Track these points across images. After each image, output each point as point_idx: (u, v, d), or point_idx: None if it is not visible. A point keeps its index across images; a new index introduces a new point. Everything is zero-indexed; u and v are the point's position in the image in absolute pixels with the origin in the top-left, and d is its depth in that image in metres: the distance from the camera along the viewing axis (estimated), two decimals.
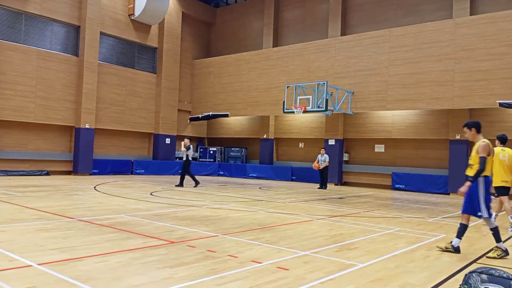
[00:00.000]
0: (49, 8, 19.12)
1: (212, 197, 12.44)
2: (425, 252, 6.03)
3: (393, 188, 19.04)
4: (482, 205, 5.96)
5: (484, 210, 5.94)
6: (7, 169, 17.77)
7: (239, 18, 25.88)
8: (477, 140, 6.19)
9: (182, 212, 9.02)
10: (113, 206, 9.59)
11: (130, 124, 22.39)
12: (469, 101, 16.26)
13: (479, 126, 6.26)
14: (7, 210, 8.26)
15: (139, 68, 23.13)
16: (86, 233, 6.31)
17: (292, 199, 12.99)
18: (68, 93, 19.81)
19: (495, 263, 5.52)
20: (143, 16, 22.12)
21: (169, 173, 22.76)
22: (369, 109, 18.85)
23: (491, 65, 15.76)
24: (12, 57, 17.96)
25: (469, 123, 6.32)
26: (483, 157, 5.93)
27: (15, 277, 4.07)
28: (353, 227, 8.04)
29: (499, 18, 15.82)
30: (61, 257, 4.84)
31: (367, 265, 5.12)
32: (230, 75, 23.76)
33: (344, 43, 19.69)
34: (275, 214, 9.40)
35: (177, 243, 5.86)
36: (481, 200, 5.97)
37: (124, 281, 4.11)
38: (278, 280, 4.34)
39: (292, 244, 6.13)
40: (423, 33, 17.38)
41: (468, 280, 3.61)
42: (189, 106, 25.60)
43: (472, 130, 6.24)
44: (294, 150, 23.49)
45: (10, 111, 17.88)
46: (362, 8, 21.07)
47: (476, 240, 7.25)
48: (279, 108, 20.79)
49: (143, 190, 13.59)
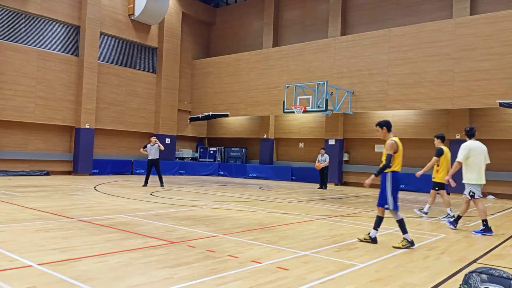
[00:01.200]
0: (49, 8, 19.12)
1: (212, 197, 12.44)
2: (425, 252, 6.03)
3: None
4: (389, 198, 6.37)
5: (390, 203, 6.36)
6: (7, 169, 17.78)
7: (239, 18, 25.88)
8: (387, 139, 6.55)
9: (182, 212, 9.02)
10: (113, 206, 9.59)
11: (130, 124, 22.39)
12: (469, 101, 16.26)
13: (389, 125, 6.65)
14: (7, 210, 8.26)
15: (139, 68, 23.13)
16: (86, 233, 6.31)
17: (292, 199, 12.99)
18: (68, 93, 19.81)
19: (495, 263, 5.53)
20: (143, 16, 22.11)
21: (169, 173, 22.75)
22: (369, 109, 18.85)
23: (491, 65, 15.75)
24: (12, 57, 17.96)
25: (380, 122, 6.68)
26: (390, 154, 6.35)
27: (15, 277, 4.07)
28: (353, 227, 8.04)
29: (499, 18, 15.82)
30: (61, 257, 4.84)
31: (367, 265, 5.13)
32: (230, 75, 23.75)
33: (344, 43, 19.69)
34: (275, 214, 9.40)
35: (177, 243, 5.86)
36: (388, 194, 6.38)
37: (124, 281, 4.11)
38: (278, 280, 4.34)
39: (292, 244, 6.13)
40: (423, 33, 17.38)
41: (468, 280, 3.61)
42: (189, 106, 25.60)
43: (384, 129, 6.61)
44: (294, 150, 23.49)
45: (10, 111, 17.88)
46: (362, 8, 21.06)
47: (476, 240, 7.25)
48: (279, 108, 20.79)
49: (143, 190, 13.59)
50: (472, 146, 7.93)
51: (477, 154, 7.90)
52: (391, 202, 6.36)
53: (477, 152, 7.90)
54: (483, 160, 7.96)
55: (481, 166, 7.91)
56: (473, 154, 7.88)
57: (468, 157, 7.88)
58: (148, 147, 15.27)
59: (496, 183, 16.98)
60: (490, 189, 17.07)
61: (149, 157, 15.19)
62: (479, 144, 8.04)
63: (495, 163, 17.27)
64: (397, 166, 6.47)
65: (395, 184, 6.40)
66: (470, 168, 7.88)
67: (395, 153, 6.39)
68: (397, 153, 6.41)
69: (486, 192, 17.05)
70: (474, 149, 7.90)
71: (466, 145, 7.96)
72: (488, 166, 8.30)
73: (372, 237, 6.48)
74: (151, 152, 15.17)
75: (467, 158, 7.88)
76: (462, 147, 7.98)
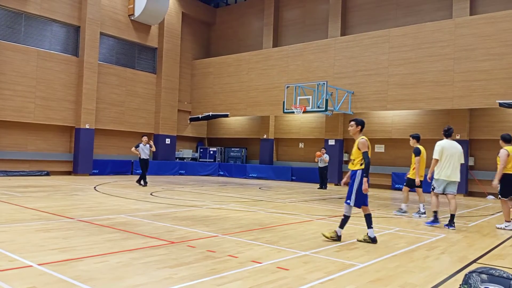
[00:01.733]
0: (49, 8, 19.12)
1: (212, 197, 12.44)
2: (425, 252, 6.03)
3: (393, 188, 19.04)
4: (353, 194, 6.51)
5: (352, 200, 6.50)
6: (7, 169, 17.78)
7: (239, 18, 25.88)
8: (357, 137, 6.73)
9: (182, 212, 9.02)
10: (113, 206, 9.59)
11: (130, 124, 22.40)
12: (469, 101, 16.26)
13: (364, 125, 6.87)
14: (7, 210, 8.26)
15: (139, 68, 23.13)
16: (86, 233, 6.31)
17: (292, 199, 12.99)
18: (68, 94, 19.81)
19: (495, 263, 5.53)
20: (143, 16, 22.12)
21: (169, 173, 22.76)
22: (369, 109, 18.85)
23: (491, 65, 15.76)
24: (12, 57, 17.96)
25: (358, 120, 6.83)
26: (366, 151, 6.50)
27: (15, 277, 4.07)
28: (353, 227, 8.04)
29: (499, 18, 15.82)
30: (61, 257, 4.84)
31: (367, 265, 5.12)
32: (230, 75, 23.76)
33: (344, 43, 19.69)
34: (275, 214, 9.40)
35: (177, 243, 5.86)
36: (354, 190, 6.50)
37: (124, 281, 4.11)
38: (278, 280, 4.34)
39: (292, 244, 6.13)
40: (423, 33, 17.38)
41: (468, 280, 3.61)
42: (189, 106, 25.60)
43: (358, 127, 6.77)
44: (294, 150, 23.49)
45: (10, 112, 17.89)
46: (362, 8, 21.07)
47: (476, 240, 7.25)
48: (279, 108, 20.79)
49: (143, 190, 13.59)
50: (444, 145, 8.44)
51: (449, 153, 8.36)
52: (353, 199, 6.50)
53: (449, 151, 8.36)
54: (456, 159, 8.36)
55: (452, 164, 8.31)
56: (445, 152, 8.37)
57: (442, 154, 8.38)
58: (140, 146, 15.41)
59: None
60: (490, 189, 17.06)
61: (141, 156, 15.36)
62: (452, 144, 8.48)
63: (495, 163, 17.27)
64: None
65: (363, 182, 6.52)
66: (441, 164, 8.40)
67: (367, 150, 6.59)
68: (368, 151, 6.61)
69: (486, 192, 17.05)
70: (446, 148, 8.38)
71: (440, 143, 8.49)
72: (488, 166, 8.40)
73: (371, 237, 6.53)
74: (143, 152, 15.36)
75: (441, 156, 8.38)
76: (436, 145, 8.50)
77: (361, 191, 6.47)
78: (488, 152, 17.51)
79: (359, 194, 6.49)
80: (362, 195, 6.51)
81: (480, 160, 17.65)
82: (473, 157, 17.74)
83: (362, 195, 6.50)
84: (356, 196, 6.49)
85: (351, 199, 6.50)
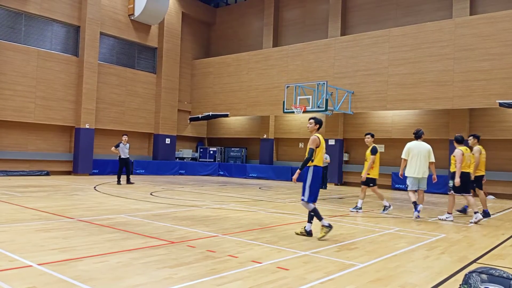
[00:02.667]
0: (49, 8, 19.12)
1: (212, 197, 12.44)
2: (425, 252, 6.03)
3: (393, 188, 19.04)
4: (306, 190, 6.71)
5: (306, 195, 6.70)
6: (7, 169, 17.78)
7: (239, 18, 25.88)
8: (312, 135, 7.06)
9: (182, 212, 9.02)
10: (113, 206, 9.60)
11: (130, 124, 22.39)
12: (469, 101, 16.26)
13: (321, 124, 7.23)
14: (7, 210, 8.26)
15: (139, 68, 23.14)
16: (86, 233, 6.31)
17: (292, 199, 12.99)
18: (68, 93, 19.81)
19: (495, 263, 5.53)
20: (143, 16, 22.12)
21: (169, 173, 22.76)
22: (369, 109, 18.85)
23: (491, 65, 15.76)
24: (12, 57, 17.97)
25: (316, 118, 7.14)
26: (312, 148, 6.72)
27: (15, 277, 4.07)
28: (353, 227, 8.04)
29: (499, 18, 15.82)
30: (61, 257, 4.84)
31: (367, 265, 5.12)
32: (230, 75, 23.76)
33: (344, 43, 19.69)
34: (275, 214, 9.40)
35: (177, 243, 5.86)
36: (307, 186, 6.72)
37: (124, 281, 4.11)
38: (278, 280, 4.34)
39: (292, 244, 6.13)
40: (423, 33, 17.38)
41: (468, 280, 3.61)
42: (189, 106, 25.61)
43: (316, 126, 7.13)
44: (294, 150, 23.49)
45: (10, 111, 17.89)
46: (362, 8, 21.07)
47: (476, 240, 7.25)
48: (279, 108, 20.79)
49: (143, 190, 13.59)
50: (411, 146, 9.52)
51: (415, 153, 9.39)
52: (307, 194, 6.68)
53: (415, 151, 9.41)
54: (422, 157, 9.40)
55: (419, 162, 9.39)
56: (411, 152, 9.43)
57: (408, 154, 9.46)
58: (120, 146, 15.56)
59: (496, 183, 16.99)
60: (490, 189, 17.07)
61: (121, 156, 15.54)
62: (419, 145, 9.50)
63: (495, 163, 17.33)
64: (319, 161, 6.84)
65: (315, 177, 6.74)
66: (409, 163, 9.48)
67: (317, 148, 6.78)
68: (319, 148, 6.80)
69: (486, 192, 17.03)
70: (412, 149, 9.47)
71: (408, 144, 9.63)
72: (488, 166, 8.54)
73: (307, 230, 6.78)
74: (123, 151, 15.53)
75: (408, 155, 9.46)
76: (406, 146, 9.64)
77: (313, 187, 6.68)
78: (488, 152, 17.36)
79: (312, 189, 6.68)
80: (315, 191, 6.71)
81: None
82: None
83: (315, 190, 6.71)
84: (309, 191, 6.68)
85: (305, 195, 6.69)
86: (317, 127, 7.06)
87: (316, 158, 6.80)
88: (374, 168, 10.36)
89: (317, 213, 6.69)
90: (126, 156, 15.60)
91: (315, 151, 6.78)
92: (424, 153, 9.40)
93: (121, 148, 15.49)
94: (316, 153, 6.78)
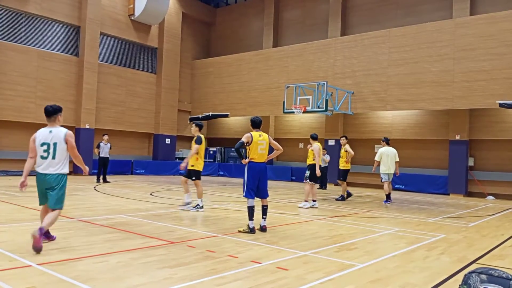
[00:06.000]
0: (49, 8, 19.12)
1: (212, 197, 12.44)
2: (425, 253, 6.03)
3: (392, 188, 19.00)
4: (244, 185, 7.07)
5: (244, 191, 7.04)
6: (7, 169, 17.78)
7: (239, 18, 25.88)
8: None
9: (182, 212, 9.03)
10: (113, 206, 9.60)
11: (130, 124, 22.39)
12: (469, 101, 16.25)
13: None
14: (7, 210, 8.27)
15: (139, 68, 23.14)
16: (86, 233, 6.32)
17: (292, 199, 12.99)
18: (68, 93, 19.81)
19: (495, 264, 5.53)
20: (143, 16, 22.12)
21: (169, 173, 22.75)
22: (369, 109, 18.85)
23: (491, 65, 15.75)
24: (13, 58, 17.96)
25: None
26: (242, 141, 6.99)
27: (15, 277, 4.08)
28: (353, 227, 8.05)
29: (499, 18, 15.81)
30: (61, 257, 4.85)
31: (367, 265, 5.13)
32: (230, 75, 23.75)
33: (344, 43, 19.69)
34: (275, 214, 9.40)
35: (177, 243, 5.86)
36: (245, 182, 7.05)
37: (124, 281, 4.12)
38: (278, 280, 4.34)
39: (292, 244, 6.13)
40: (422, 33, 17.38)
41: (467, 280, 3.61)
42: (189, 106, 25.60)
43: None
44: (294, 150, 23.48)
45: (10, 111, 17.89)
46: (362, 8, 21.07)
47: (476, 240, 7.25)
48: (279, 108, 20.79)
49: (143, 190, 13.60)
50: (383, 150, 12.72)
51: (385, 155, 12.61)
52: (245, 190, 7.00)
53: (385, 154, 12.63)
54: (390, 159, 12.57)
55: (389, 162, 12.55)
56: (383, 155, 12.64)
57: (381, 157, 12.63)
58: (101, 145, 16.15)
59: (496, 183, 16.99)
60: (490, 190, 17.08)
61: (101, 155, 16.15)
62: (388, 149, 12.74)
63: (495, 163, 17.33)
64: (255, 157, 7.06)
65: (251, 172, 6.99)
66: (382, 163, 12.60)
67: (248, 144, 7.02)
68: (251, 144, 7.01)
69: (486, 193, 17.06)
70: (383, 152, 12.67)
71: (380, 149, 12.85)
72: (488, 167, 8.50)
73: (250, 227, 6.91)
74: (103, 150, 16.15)
75: (380, 158, 12.62)
76: (378, 151, 12.85)
77: (248, 182, 6.95)
78: (488, 153, 17.53)
79: (247, 184, 6.98)
80: (251, 186, 6.95)
81: (480, 161, 17.64)
82: (473, 157, 17.73)
83: (250, 185, 6.95)
84: (245, 186, 7.00)
85: (244, 191, 7.06)
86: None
87: (251, 154, 7.05)
88: (199, 159, 9.36)
89: (250, 211, 6.91)
90: (106, 155, 16.36)
91: (249, 148, 7.04)
92: (391, 155, 12.59)
93: (102, 147, 16.19)
94: (249, 149, 7.06)
